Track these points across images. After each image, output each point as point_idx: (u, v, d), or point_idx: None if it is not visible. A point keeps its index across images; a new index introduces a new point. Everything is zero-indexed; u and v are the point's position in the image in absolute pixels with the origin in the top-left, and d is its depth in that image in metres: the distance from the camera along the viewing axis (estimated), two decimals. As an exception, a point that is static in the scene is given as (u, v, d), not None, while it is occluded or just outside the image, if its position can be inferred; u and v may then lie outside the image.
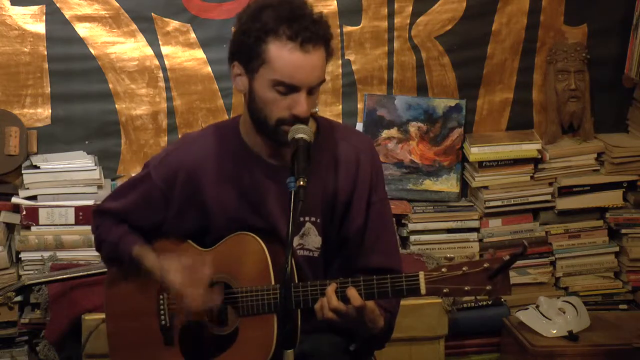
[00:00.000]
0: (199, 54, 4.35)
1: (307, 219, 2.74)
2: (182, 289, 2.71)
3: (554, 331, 4.05)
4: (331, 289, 2.58)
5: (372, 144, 2.87)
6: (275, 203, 2.68)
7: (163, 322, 2.81)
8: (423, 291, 2.55)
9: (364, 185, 2.75)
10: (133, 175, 2.95)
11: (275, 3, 2.60)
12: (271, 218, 2.71)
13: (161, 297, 2.81)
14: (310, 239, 2.75)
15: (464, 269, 2.53)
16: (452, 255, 2.58)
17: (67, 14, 4.27)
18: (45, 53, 4.27)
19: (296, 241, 2.74)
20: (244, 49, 2.63)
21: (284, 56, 2.56)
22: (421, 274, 2.55)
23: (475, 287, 2.52)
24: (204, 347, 2.75)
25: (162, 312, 2.81)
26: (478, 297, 2.55)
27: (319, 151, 2.71)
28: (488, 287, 2.52)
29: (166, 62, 4.34)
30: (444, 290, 2.53)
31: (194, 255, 2.76)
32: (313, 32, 2.56)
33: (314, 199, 2.72)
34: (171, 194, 2.77)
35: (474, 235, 4.40)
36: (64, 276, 3.95)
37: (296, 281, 2.66)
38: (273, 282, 2.67)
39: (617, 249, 4.49)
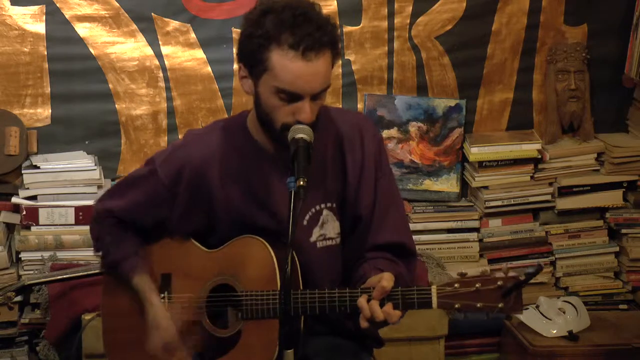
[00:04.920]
0: (199, 54, 4.35)
1: (323, 205, 2.73)
2: (153, 352, 2.74)
3: (554, 331, 4.06)
4: (364, 300, 2.55)
5: (372, 122, 2.87)
6: (283, 199, 2.61)
7: None
8: (435, 305, 2.53)
9: (370, 161, 2.75)
10: (134, 170, 2.92)
11: (279, 8, 2.56)
12: (278, 215, 2.69)
13: (162, 296, 2.80)
14: (330, 226, 2.74)
15: (477, 285, 2.51)
16: (465, 271, 2.56)
17: (67, 14, 4.27)
18: (45, 53, 4.27)
19: (316, 233, 2.73)
20: (248, 54, 2.60)
21: (285, 65, 2.54)
22: (433, 288, 2.53)
23: (488, 304, 2.50)
24: (204, 348, 2.75)
25: None
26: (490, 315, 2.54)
27: (324, 139, 2.70)
28: (500, 305, 2.51)
29: (166, 62, 4.34)
30: (456, 306, 2.51)
31: (198, 267, 2.76)
32: (316, 40, 2.54)
33: (327, 185, 2.72)
34: (177, 191, 2.76)
35: (474, 235, 4.40)
36: (64, 276, 3.95)
37: (301, 287, 2.65)
38: (279, 288, 2.64)
39: (617, 249, 4.49)
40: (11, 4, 4.24)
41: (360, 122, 2.80)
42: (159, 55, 4.33)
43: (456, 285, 2.52)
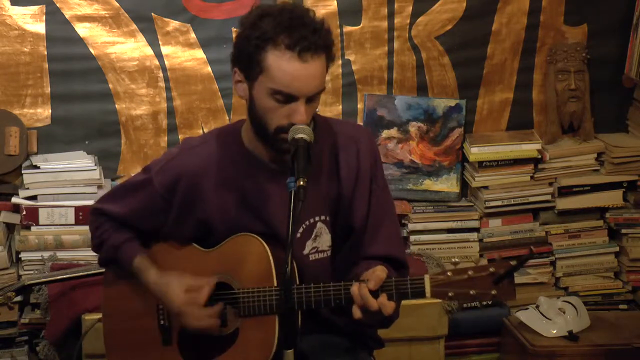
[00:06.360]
0: (199, 54, 4.35)
1: (317, 218, 2.74)
2: (181, 308, 2.72)
3: (554, 331, 4.05)
4: (361, 289, 2.56)
5: (370, 134, 2.87)
6: (278, 208, 2.66)
7: (162, 322, 2.81)
8: (428, 294, 2.54)
9: (365, 175, 2.75)
10: (132, 175, 2.93)
11: (275, 11, 2.59)
12: (273, 223, 2.70)
13: None
14: (323, 239, 2.75)
15: (469, 273, 2.53)
16: (457, 260, 2.58)
17: (67, 14, 4.27)
18: (45, 53, 4.27)
19: (309, 246, 2.74)
20: (243, 56, 2.62)
21: (282, 65, 2.56)
22: (426, 277, 2.55)
23: (481, 291, 2.52)
24: (203, 347, 2.75)
25: (161, 311, 2.81)
26: (483, 302, 2.54)
27: (319, 149, 2.71)
28: (493, 292, 2.52)
29: (166, 62, 4.34)
30: (449, 294, 2.53)
31: (195, 266, 2.76)
32: (312, 42, 2.55)
33: (321, 197, 2.72)
34: (172, 200, 2.77)
35: (474, 235, 4.40)
36: (64, 276, 3.95)
37: (298, 282, 2.66)
38: (275, 284, 2.66)
39: (617, 249, 4.49)
40: (11, 4, 4.24)
41: (357, 133, 2.80)
42: (159, 55, 4.33)
43: (449, 273, 2.54)
